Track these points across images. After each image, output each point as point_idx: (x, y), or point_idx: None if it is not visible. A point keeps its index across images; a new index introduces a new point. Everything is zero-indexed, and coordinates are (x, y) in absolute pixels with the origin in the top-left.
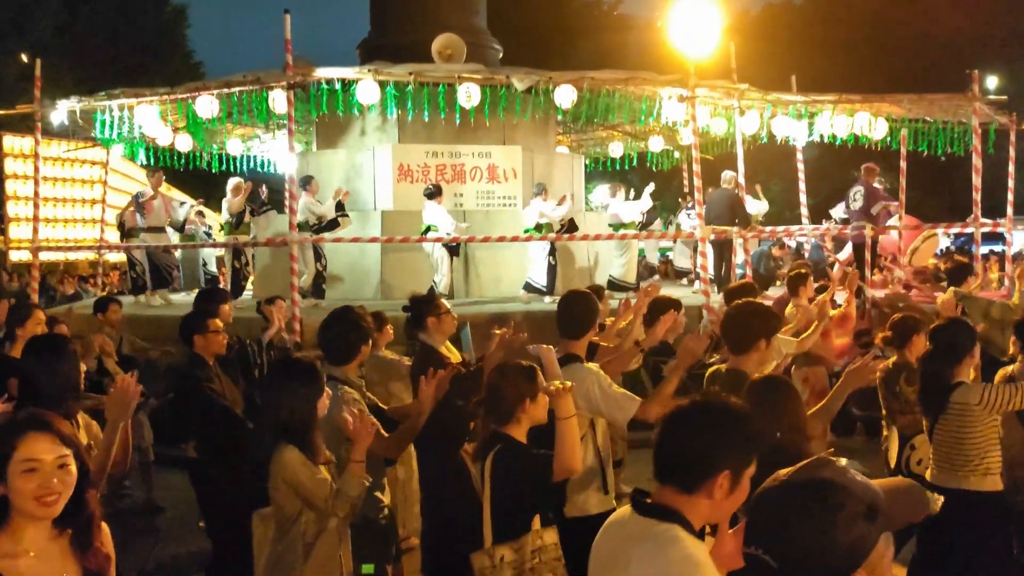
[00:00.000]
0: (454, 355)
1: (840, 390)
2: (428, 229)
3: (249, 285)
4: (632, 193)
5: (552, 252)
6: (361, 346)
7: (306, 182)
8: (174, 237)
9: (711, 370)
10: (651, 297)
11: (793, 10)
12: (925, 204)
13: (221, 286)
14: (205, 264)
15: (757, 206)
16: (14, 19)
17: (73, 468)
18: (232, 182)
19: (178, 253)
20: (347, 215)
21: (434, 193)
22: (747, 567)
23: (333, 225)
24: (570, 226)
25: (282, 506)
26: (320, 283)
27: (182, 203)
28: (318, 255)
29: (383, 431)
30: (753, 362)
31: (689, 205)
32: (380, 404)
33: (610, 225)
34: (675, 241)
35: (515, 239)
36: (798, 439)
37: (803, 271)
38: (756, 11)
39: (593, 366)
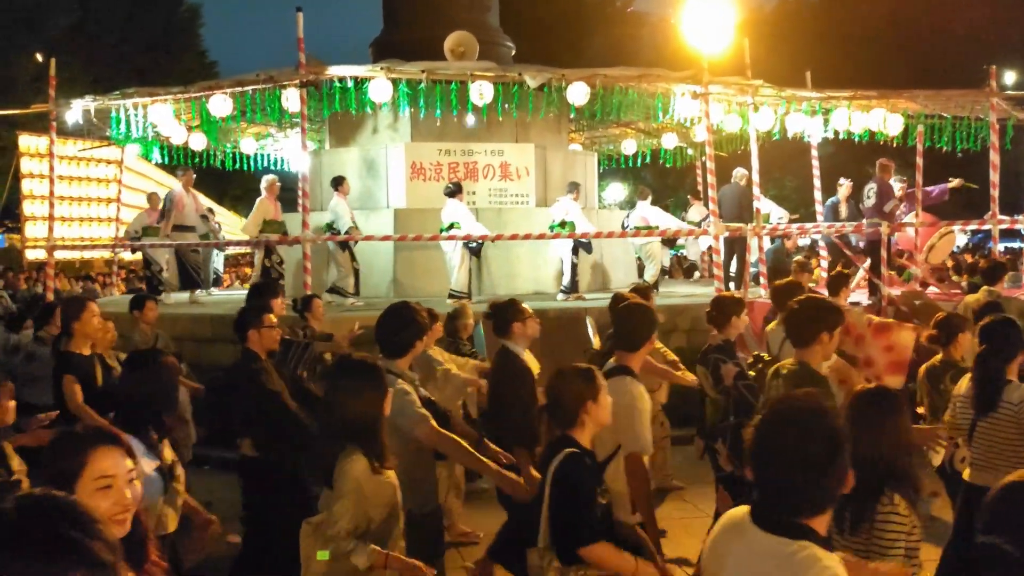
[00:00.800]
0: (534, 364)
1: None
2: (451, 227)
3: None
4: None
5: (575, 251)
6: (416, 341)
7: (338, 183)
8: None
9: (774, 367)
10: None
11: (807, 6)
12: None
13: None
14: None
15: (768, 206)
16: (26, 18)
17: (138, 483)
18: (266, 180)
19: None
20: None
21: (455, 191)
22: (985, 556)
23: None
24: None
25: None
26: (356, 280)
27: (204, 216)
28: (352, 255)
29: (434, 424)
30: (817, 355)
31: (704, 220)
32: (432, 398)
33: (636, 228)
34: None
35: (527, 237)
36: (902, 455)
37: (846, 271)
38: (770, 7)
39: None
